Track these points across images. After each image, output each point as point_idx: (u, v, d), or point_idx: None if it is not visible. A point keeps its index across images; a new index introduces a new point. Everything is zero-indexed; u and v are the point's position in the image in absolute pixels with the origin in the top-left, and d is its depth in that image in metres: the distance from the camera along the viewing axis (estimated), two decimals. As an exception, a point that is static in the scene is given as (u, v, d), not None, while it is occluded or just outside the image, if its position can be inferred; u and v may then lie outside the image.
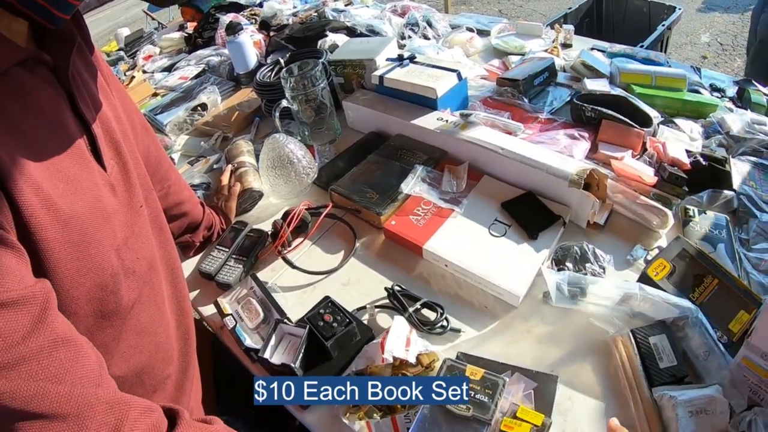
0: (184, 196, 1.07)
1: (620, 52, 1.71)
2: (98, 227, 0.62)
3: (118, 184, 0.71)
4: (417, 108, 1.36)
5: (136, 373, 0.72)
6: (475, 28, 1.98)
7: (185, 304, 0.87)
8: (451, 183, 1.17)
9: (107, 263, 0.63)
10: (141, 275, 0.72)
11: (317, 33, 1.90)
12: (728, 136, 1.26)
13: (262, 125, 1.70)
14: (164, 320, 0.79)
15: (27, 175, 0.53)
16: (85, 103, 0.68)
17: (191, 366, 0.87)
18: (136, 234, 0.72)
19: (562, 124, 1.34)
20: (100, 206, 0.64)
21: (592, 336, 0.88)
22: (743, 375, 0.74)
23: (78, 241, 0.59)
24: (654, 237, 1.04)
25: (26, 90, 0.58)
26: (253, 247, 1.14)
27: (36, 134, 0.58)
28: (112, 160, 0.71)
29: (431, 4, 5.23)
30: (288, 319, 0.95)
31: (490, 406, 0.72)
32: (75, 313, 0.60)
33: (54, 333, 0.51)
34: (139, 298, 0.71)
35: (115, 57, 2.59)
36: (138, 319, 0.71)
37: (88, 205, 0.61)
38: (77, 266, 0.59)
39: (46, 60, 0.62)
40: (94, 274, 0.61)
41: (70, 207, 0.58)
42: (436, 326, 0.92)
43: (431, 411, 0.73)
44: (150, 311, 0.74)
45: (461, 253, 1.02)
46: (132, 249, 0.70)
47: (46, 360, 0.49)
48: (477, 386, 0.75)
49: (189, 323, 0.88)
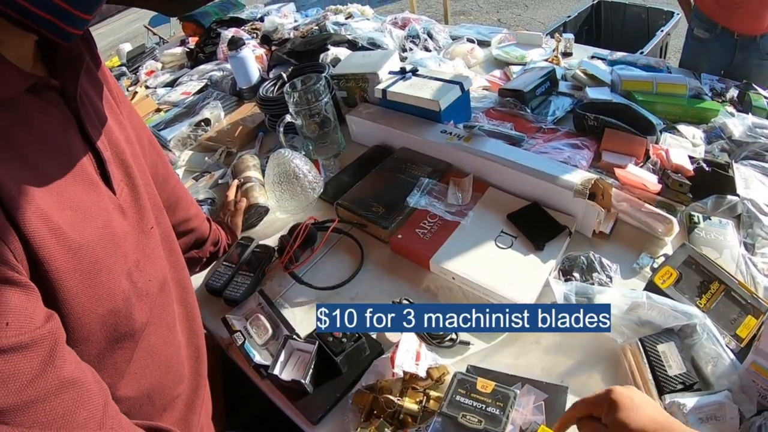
0: (191, 212, 1.07)
1: (621, 60, 1.73)
2: (109, 253, 0.62)
3: (128, 206, 0.70)
4: (420, 121, 1.37)
5: (147, 394, 0.71)
6: (475, 39, 2.00)
7: (196, 324, 0.87)
8: (456, 195, 1.18)
9: (119, 288, 0.63)
10: (153, 297, 0.71)
11: (319, 47, 1.92)
12: (730, 140, 1.27)
13: (266, 140, 1.71)
14: (175, 340, 0.78)
15: (35, 205, 0.53)
16: (93, 125, 0.67)
17: (202, 385, 0.87)
18: (147, 256, 0.72)
19: (565, 133, 1.35)
20: (110, 231, 0.63)
21: (600, 345, 0.88)
22: (752, 380, 0.74)
23: (89, 270, 0.59)
24: (660, 244, 1.04)
25: (32, 116, 0.58)
26: (260, 263, 1.14)
27: (43, 162, 0.57)
28: (122, 182, 0.71)
29: (429, 14, 5.27)
30: (297, 334, 0.96)
31: (501, 418, 0.73)
32: (88, 339, 0.60)
33: (61, 376, 0.51)
34: (150, 319, 0.71)
35: (117, 73, 2.61)
36: (149, 341, 0.71)
37: (98, 232, 0.61)
38: (89, 294, 0.58)
39: (53, 84, 0.61)
40: (106, 300, 0.61)
41: (79, 235, 0.58)
42: (446, 339, 0.93)
43: (443, 424, 0.74)
44: (161, 332, 0.74)
45: (468, 265, 1.02)
46: (143, 271, 0.69)
47: (52, 403, 0.50)
48: (488, 399, 0.75)
49: (200, 342, 0.87)
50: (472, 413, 0.74)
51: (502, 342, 0.93)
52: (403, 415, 0.80)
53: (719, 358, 0.79)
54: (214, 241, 1.16)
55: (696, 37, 2.10)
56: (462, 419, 0.73)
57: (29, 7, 0.52)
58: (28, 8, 0.52)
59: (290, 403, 0.89)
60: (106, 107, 0.74)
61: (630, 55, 1.80)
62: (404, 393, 0.83)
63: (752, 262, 0.97)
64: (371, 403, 0.83)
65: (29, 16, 0.53)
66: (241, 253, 1.17)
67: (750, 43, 1.98)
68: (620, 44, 2.82)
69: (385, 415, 0.80)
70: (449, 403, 0.76)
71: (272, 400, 0.93)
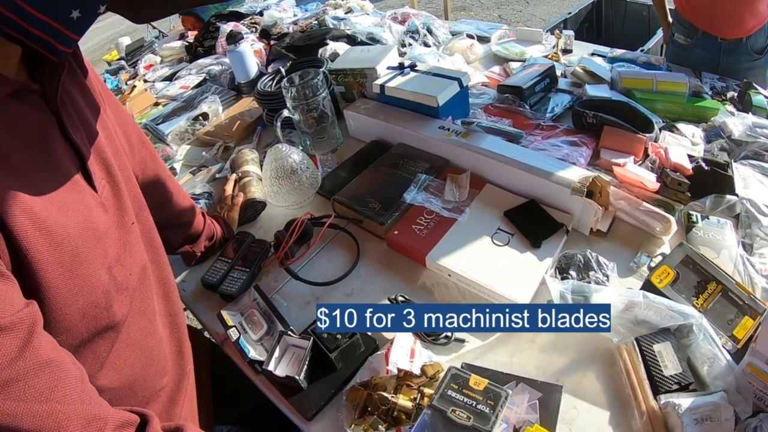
0: (184, 206, 1.09)
1: (621, 57, 1.72)
2: (90, 247, 0.64)
3: (109, 203, 0.72)
4: (418, 117, 1.36)
5: (128, 385, 0.73)
6: (475, 35, 1.99)
7: (179, 319, 0.88)
8: (453, 192, 1.17)
9: (99, 282, 0.65)
10: (132, 290, 0.73)
11: (318, 41, 1.91)
12: (730, 140, 1.26)
13: (264, 134, 1.71)
14: (156, 333, 0.80)
15: (19, 200, 0.55)
16: (75, 126, 0.69)
17: (186, 378, 0.87)
18: (128, 251, 0.74)
19: (564, 130, 1.35)
20: (92, 227, 0.65)
21: (596, 344, 0.88)
22: (748, 381, 0.74)
23: (70, 262, 0.60)
24: (657, 243, 1.04)
25: (14, 118, 0.60)
26: (256, 258, 1.14)
27: (24, 163, 0.59)
28: (103, 179, 0.73)
29: (430, 9, 5.25)
30: (292, 330, 0.95)
31: (491, 417, 0.72)
32: (68, 329, 0.62)
33: (39, 356, 0.53)
34: (130, 311, 0.72)
35: (116, 66, 2.61)
36: (129, 332, 0.72)
37: (80, 227, 0.63)
38: (70, 285, 0.60)
39: (35, 89, 0.63)
40: (86, 292, 0.63)
41: (62, 229, 0.60)
42: (441, 337, 0.92)
43: (431, 418, 0.73)
44: (141, 324, 0.76)
45: (464, 262, 1.02)
46: (124, 265, 0.71)
47: (31, 381, 0.52)
48: (479, 396, 0.75)
49: (183, 337, 0.89)
50: (462, 409, 0.73)
51: (498, 340, 0.92)
52: (397, 412, 0.80)
53: (715, 359, 0.78)
54: (209, 235, 1.16)
55: (677, 43, 1.97)
56: (451, 414, 0.73)
57: (29, 28, 0.56)
58: (27, 29, 0.56)
59: (284, 399, 0.89)
60: (89, 107, 0.76)
61: (630, 52, 1.79)
62: (398, 390, 0.82)
63: (750, 262, 0.96)
64: (365, 400, 0.83)
65: (27, 34, 0.56)
66: (238, 248, 1.16)
67: (736, 46, 1.85)
68: (621, 42, 2.81)
69: (379, 412, 0.80)
70: (440, 397, 0.75)
71: (266, 395, 0.93)
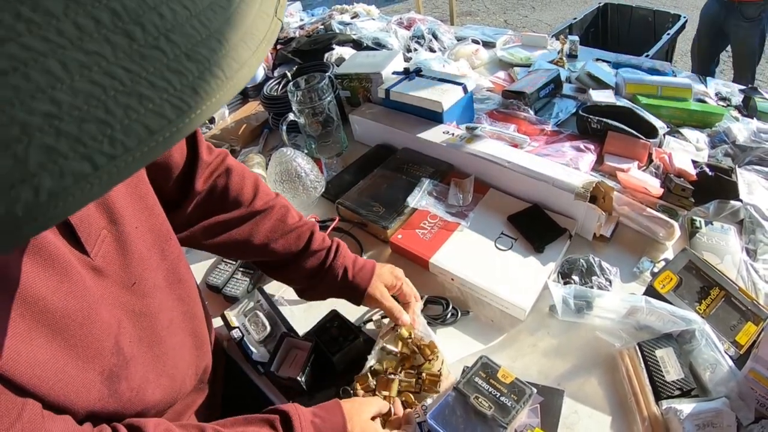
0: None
1: (626, 63, 1.72)
2: (86, 333, 0.55)
3: (107, 262, 0.60)
4: (423, 121, 1.37)
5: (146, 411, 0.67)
6: (480, 40, 1.99)
7: (204, 347, 0.82)
8: (457, 196, 1.18)
9: (103, 367, 0.57)
10: (144, 358, 0.65)
11: (324, 46, 1.92)
12: (734, 145, 1.26)
13: (270, 138, 1.72)
14: (179, 374, 0.73)
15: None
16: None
17: (201, 390, 0.84)
18: (137, 314, 0.65)
19: (568, 136, 1.35)
20: (92, 315, 0.56)
21: (598, 349, 0.88)
22: (750, 387, 0.74)
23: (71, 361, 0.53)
24: (660, 249, 1.04)
25: None
26: (260, 261, 1.14)
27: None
28: (104, 229, 0.60)
29: (436, 14, 5.27)
30: (295, 332, 0.96)
31: (511, 411, 0.73)
32: (86, 397, 0.55)
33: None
34: (148, 369, 0.65)
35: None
36: (153, 395, 0.66)
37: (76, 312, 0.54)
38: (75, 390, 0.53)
39: None
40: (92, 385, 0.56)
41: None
42: (448, 316, 0.96)
43: (455, 399, 0.76)
44: (163, 382, 0.69)
45: (467, 266, 1.02)
46: (128, 333, 0.62)
47: None
48: (504, 389, 0.76)
49: (208, 363, 0.83)
50: (485, 398, 0.75)
51: (500, 344, 0.93)
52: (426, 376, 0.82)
53: (718, 365, 0.78)
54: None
55: None
56: (474, 400, 0.75)
57: None
58: None
59: (286, 400, 0.89)
60: None
61: (635, 58, 1.79)
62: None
63: (754, 268, 0.96)
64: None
65: None
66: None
67: (731, 8, 2.61)
68: (626, 47, 2.81)
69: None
70: (466, 382, 0.77)
71: (269, 396, 0.93)
